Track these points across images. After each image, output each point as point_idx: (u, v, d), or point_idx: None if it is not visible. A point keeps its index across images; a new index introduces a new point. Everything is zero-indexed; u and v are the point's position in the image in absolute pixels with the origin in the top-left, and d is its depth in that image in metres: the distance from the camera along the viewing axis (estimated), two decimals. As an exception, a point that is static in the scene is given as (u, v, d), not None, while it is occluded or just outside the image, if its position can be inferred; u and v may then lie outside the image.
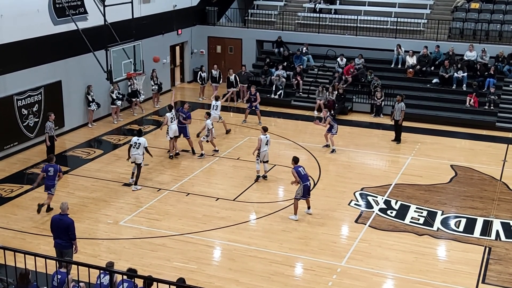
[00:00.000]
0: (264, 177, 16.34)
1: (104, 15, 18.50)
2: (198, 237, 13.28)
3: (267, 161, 16.36)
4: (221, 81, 24.45)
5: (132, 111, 22.33)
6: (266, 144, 16.10)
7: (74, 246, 11.16)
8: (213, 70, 24.43)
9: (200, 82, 24.63)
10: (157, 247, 12.78)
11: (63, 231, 11.05)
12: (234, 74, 23.74)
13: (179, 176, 16.53)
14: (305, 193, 14.02)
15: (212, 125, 18.09)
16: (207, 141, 17.93)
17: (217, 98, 19.98)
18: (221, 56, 26.91)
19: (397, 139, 19.58)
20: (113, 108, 21.18)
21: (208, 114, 18.19)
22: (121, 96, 21.34)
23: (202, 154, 17.89)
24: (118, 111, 21.49)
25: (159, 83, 23.28)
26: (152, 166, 17.29)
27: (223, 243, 13.10)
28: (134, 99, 22.15)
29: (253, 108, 21.21)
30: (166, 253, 12.55)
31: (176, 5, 25.07)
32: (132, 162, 15.74)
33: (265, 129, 16.35)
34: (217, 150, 18.24)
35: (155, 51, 23.66)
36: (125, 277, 8.90)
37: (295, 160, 14.36)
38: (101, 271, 8.85)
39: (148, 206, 14.76)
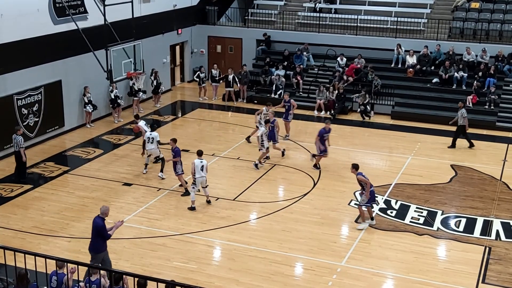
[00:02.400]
0: (208, 202, 14.81)
1: (104, 15, 18.49)
2: (198, 237, 13.28)
3: (206, 186, 14.76)
4: (221, 81, 24.47)
5: (132, 110, 22.32)
6: (202, 170, 14.36)
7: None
8: (213, 70, 24.43)
9: (198, 82, 24.62)
10: (157, 247, 12.78)
11: (95, 233, 10.99)
12: (232, 74, 23.74)
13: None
14: (373, 198, 13.76)
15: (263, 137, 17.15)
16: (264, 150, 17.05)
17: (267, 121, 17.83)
18: (221, 55, 26.90)
19: (453, 145, 19.11)
20: (115, 108, 21.23)
21: (266, 122, 17.35)
22: (121, 96, 21.35)
23: (256, 165, 17.05)
24: (138, 103, 22.18)
25: (156, 83, 23.09)
26: (152, 165, 17.28)
27: (223, 243, 13.10)
28: (135, 98, 22.15)
29: (287, 118, 19.59)
30: (166, 252, 12.55)
31: (176, 5, 25.07)
32: (148, 156, 16.57)
33: (199, 153, 14.54)
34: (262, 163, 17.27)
35: (155, 51, 23.72)
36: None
37: (355, 167, 13.81)
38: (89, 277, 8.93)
39: (148, 205, 14.76)
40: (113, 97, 21.04)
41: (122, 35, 19.33)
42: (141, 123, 17.46)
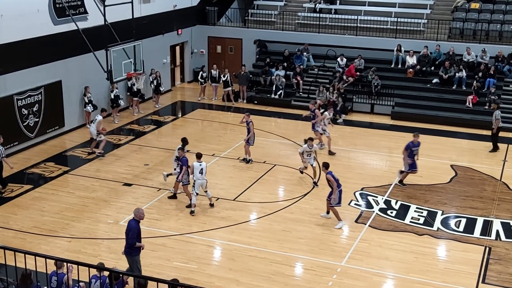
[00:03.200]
0: (211, 205, 14.61)
1: (104, 15, 18.49)
2: (198, 237, 13.28)
3: (207, 190, 14.55)
4: (220, 81, 24.49)
5: (132, 111, 22.35)
6: (201, 173, 14.11)
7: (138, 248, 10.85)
8: (212, 70, 24.44)
9: (200, 82, 24.64)
10: (157, 247, 12.77)
11: (126, 235, 10.81)
12: (227, 74, 23.74)
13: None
14: (341, 198, 13.84)
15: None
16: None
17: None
18: (221, 56, 26.91)
19: (495, 148, 18.80)
20: (114, 108, 21.25)
21: (311, 139, 16.31)
22: (121, 96, 21.35)
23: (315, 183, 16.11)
24: (138, 104, 22.18)
25: (156, 83, 23.06)
26: (152, 166, 17.30)
27: (223, 243, 13.10)
28: (135, 99, 22.17)
29: (314, 129, 18.63)
30: (166, 253, 12.55)
31: (176, 5, 25.08)
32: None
33: (198, 156, 14.27)
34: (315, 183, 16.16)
35: (156, 51, 23.72)
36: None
37: (325, 165, 13.96)
38: (95, 275, 8.88)
39: (148, 205, 14.75)
40: (113, 97, 21.04)
41: (122, 35, 19.31)
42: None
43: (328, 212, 14.14)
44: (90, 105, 20.32)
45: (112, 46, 18.49)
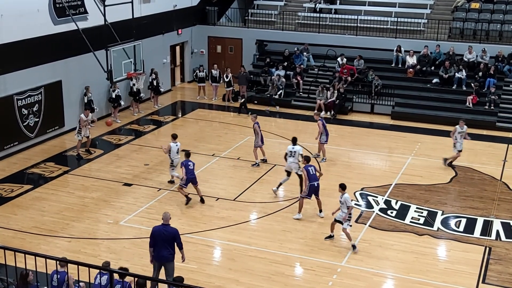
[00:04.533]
0: (201, 200, 14.86)
1: (104, 15, 18.49)
2: (198, 237, 13.28)
3: (197, 184, 14.81)
4: (221, 81, 24.51)
5: (132, 111, 22.35)
6: (177, 152, 14.78)
7: (182, 255, 10.75)
8: (213, 70, 24.45)
9: (197, 81, 24.64)
10: (157, 247, 12.75)
11: (169, 242, 10.59)
12: (230, 74, 23.76)
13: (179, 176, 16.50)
14: (311, 192, 14.01)
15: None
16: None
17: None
18: (221, 56, 26.90)
19: None
20: (116, 107, 21.24)
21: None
22: (121, 96, 21.34)
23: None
24: (137, 105, 22.17)
25: (155, 84, 23.00)
26: (152, 166, 17.30)
27: (223, 243, 13.10)
28: (136, 98, 22.16)
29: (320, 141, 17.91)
30: (166, 253, 12.53)
31: (176, 5, 25.07)
32: (285, 171, 15.33)
33: (174, 137, 15.54)
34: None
35: (156, 51, 23.72)
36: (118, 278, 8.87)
37: (306, 159, 14.35)
38: (100, 271, 8.86)
39: (148, 206, 14.75)
40: (114, 96, 21.02)
41: (122, 35, 19.32)
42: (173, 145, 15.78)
43: (321, 211, 14.29)
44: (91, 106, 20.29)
45: (112, 46, 18.50)
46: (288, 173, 15.46)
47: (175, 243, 10.65)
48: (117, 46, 18.79)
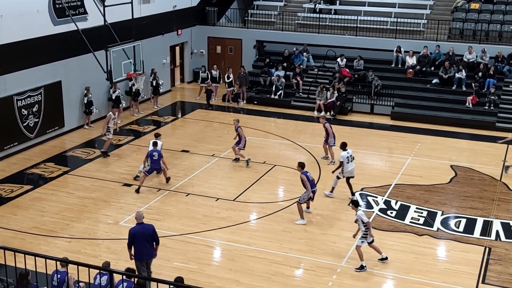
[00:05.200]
0: (167, 180, 15.84)
1: (104, 16, 18.49)
2: (198, 237, 13.28)
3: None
4: (221, 81, 24.51)
5: (132, 111, 22.35)
6: (155, 145, 15.55)
7: (155, 252, 10.90)
8: (212, 71, 24.46)
9: (200, 82, 24.67)
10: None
11: (150, 239, 10.68)
12: (231, 74, 23.79)
13: (179, 176, 16.52)
14: (310, 199, 13.98)
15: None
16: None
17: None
18: (221, 56, 26.91)
19: None
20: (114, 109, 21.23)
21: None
22: (122, 96, 21.35)
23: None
24: (137, 105, 22.18)
25: (155, 84, 23.00)
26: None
27: (223, 244, 13.10)
28: (136, 99, 22.17)
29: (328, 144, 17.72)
30: (166, 253, 12.54)
31: (176, 6, 25.08)
32: (345, 177, 15.11)
33: (156, 136, 16.15)
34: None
35: (155, 52, 23.72)
36: (124, 276, 8.89)
37: (301, 165, 14.09)
38: (100, 271, 8.86)
39: (148, 206, 14.75)
40: (114, 97, 21.00)
41: (122, 35, 19.33)
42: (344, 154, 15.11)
43: (308, 207, 14.34)
44: (92, 106, 20.29)
45: (112, 46, 18.50)
46: (347, 179, 15.18)
47: (154, 239, 10.75)
48: (116, 46, 18.80)
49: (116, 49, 18.74)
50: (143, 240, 10.62)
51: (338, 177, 15.25)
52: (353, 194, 15.26)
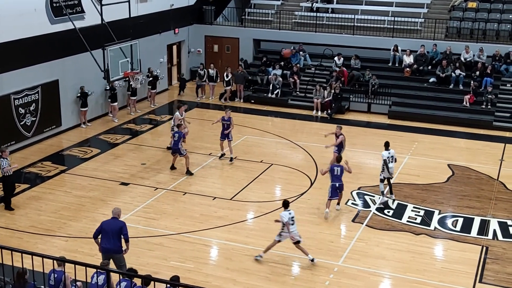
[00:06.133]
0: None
1: (101, 14, 18.45)
2: (195, 236, 13.27)
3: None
4: (218, 80, 24.50)
5: (129, 110, 22.32)
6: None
7: (126, 247, 10.94)
8: (210, 69, 24.43)
9: (197, 79, 24.67)
10: (154, 246, 12.76)
11: (115, 234, 10.76)
12: (230, 74, 23.78)
13: (176, 176, 16.51)
14: (334, 192, 14.29)
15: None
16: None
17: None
18: (219, 55, 26.88)
19: None
20: (114, 105, 21.19)
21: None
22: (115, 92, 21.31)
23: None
24: (135, 103, 22.11)
25: (152, 76, 22.87)
26: (149, 165, 17.28)
27: (220, 242, 13.09)
28: (132, 98, 22.14)
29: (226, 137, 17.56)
30: (163, 252, 12.54)
31: (173, 4, 25.04)
32: (385, 177, 15.13)
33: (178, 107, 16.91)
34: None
35: (153, 50, 23.68)
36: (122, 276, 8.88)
37: (338, 159, 14.74)
38: (98, 270, 8.85)
39: (145, 205, 14.74)
40: (111, 94, 20.94)
41: (119, 34, 19.27)
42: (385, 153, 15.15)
43: (338, 204, 14.63)
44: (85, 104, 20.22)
45: (109, 45, 18.46)
46: (387, 179, 15.23)
47: (122, 236, 10.79)
48: (114, 45, 18.75)
49: (113, 48, 18.69)
50: (108, 234, 10.78)
51: (381, 180, 15.13)
52: (391, 193, 15.32)
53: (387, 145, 15.25)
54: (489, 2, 25.01)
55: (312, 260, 12.14)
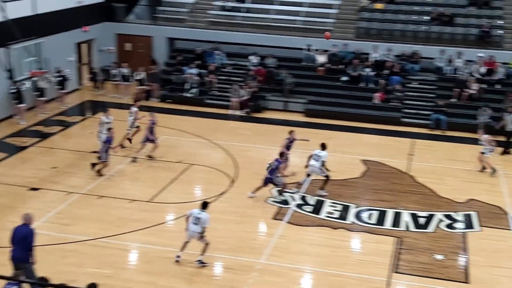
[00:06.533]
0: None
1: (3, 11, 17.38)
2: (112, 241, 12.80)
3: None
4: (130, 79, 23.87)
5: (37, 111, 21.20)
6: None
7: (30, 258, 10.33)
8: (123, 69, 23.74)
9: (112, 80, 23.92)
10: (67, 253, 12.20)
11: (21, 242, 10.19)
12: (143, 73, 23.27)
13: (90, 179, 15.87)
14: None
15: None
16: None
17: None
18: (131, 54, 26.16)
19: (507, 151, 18.99)
20: (20, 107, 20.04)
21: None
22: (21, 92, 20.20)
23: None
24: (42, 105, 20.98)
25: (60, 76, 22.01)
26: (60, 168, 16.50)
27: (139, 246, 12.73)
28: (39, 98, 21.07)
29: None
30: (79, 259, 12.00)
31: (81, 1, 24.05)
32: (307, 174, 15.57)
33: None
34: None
35: (60, 49, 22.62)
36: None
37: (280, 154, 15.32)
38: (8, 282, 8.32)
39: (58, 211, 14.04)
40: (16, 92, 19.78)
41: (23, 32, 18.24)
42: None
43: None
44: None
45: (12, 43, 17.44)
46: (308, 175, 15.86)
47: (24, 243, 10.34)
48: (18, 44, 17.74)
49: (18, 46, 17.69)
50: (14, 241, 10.36)
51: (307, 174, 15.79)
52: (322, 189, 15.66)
53: (323, 146, 15.92)
54: (394, 3, 26.11)
55: (178, 257, 11.97)
